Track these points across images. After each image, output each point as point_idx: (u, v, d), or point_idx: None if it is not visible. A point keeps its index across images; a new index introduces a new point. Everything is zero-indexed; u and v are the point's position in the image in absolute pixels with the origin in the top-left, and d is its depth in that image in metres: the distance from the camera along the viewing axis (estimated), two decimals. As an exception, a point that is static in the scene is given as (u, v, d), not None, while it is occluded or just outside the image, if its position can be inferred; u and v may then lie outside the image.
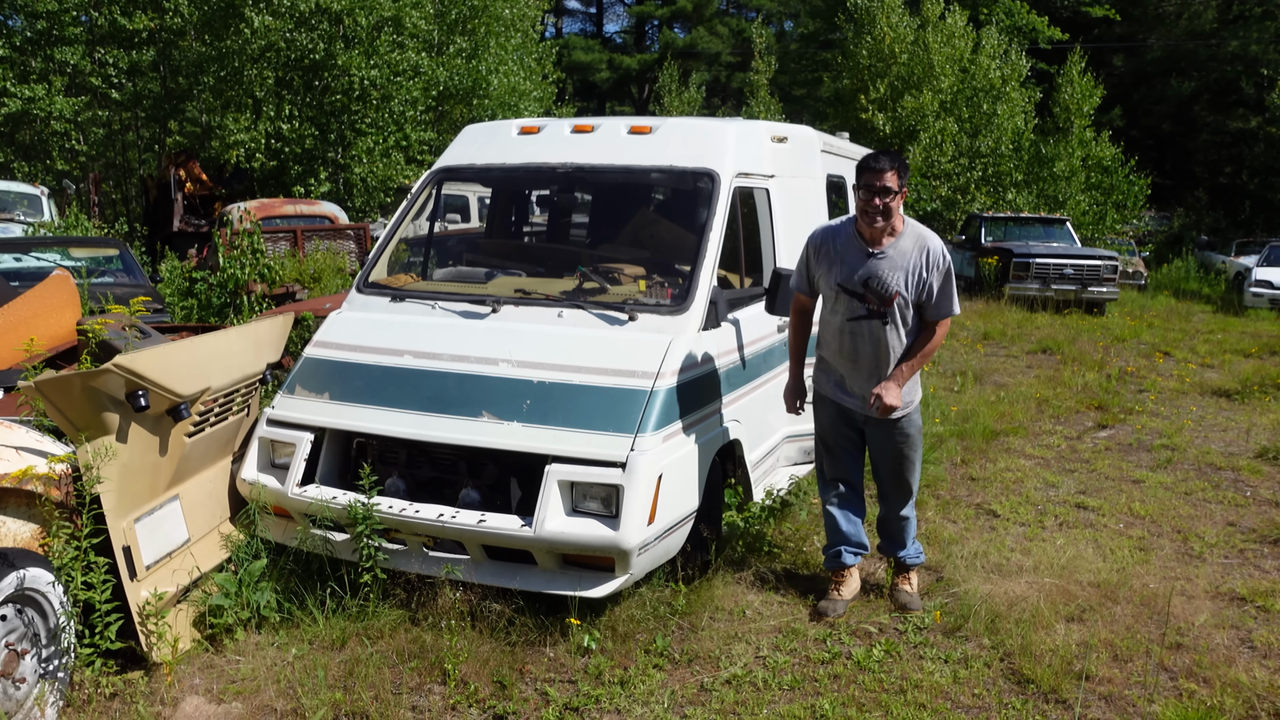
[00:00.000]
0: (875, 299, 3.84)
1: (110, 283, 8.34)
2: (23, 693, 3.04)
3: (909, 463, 4.11)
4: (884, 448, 4.10)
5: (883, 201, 3.76)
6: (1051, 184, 21.24)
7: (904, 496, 4.18)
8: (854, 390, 4.02)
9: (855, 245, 3.90)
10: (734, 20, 42.42)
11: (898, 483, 4.15)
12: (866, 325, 3.88)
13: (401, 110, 17.74)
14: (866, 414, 4.01)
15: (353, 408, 4.08)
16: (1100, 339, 12.16)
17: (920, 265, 3.82)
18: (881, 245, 3.86)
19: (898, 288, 3.81)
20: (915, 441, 4.09)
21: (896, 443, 4.06)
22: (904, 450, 4.07)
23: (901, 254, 3.84)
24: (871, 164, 3.79)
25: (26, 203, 13.37)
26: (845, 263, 3.90)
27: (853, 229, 3.94)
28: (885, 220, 3.80)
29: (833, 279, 3.93)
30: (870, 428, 4.08)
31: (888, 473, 4.15)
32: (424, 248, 5.52)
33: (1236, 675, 3.59)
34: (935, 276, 3.83)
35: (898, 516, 4.21)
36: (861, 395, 3.99)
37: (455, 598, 3.81)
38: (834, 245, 3.95)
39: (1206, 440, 7.27)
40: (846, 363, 4.00)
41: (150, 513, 3.58)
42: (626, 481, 3.59)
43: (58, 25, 18.09)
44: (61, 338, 4.93)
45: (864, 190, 3.79)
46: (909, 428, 4.05)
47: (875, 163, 3.79)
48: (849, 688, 3.50)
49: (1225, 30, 30.42)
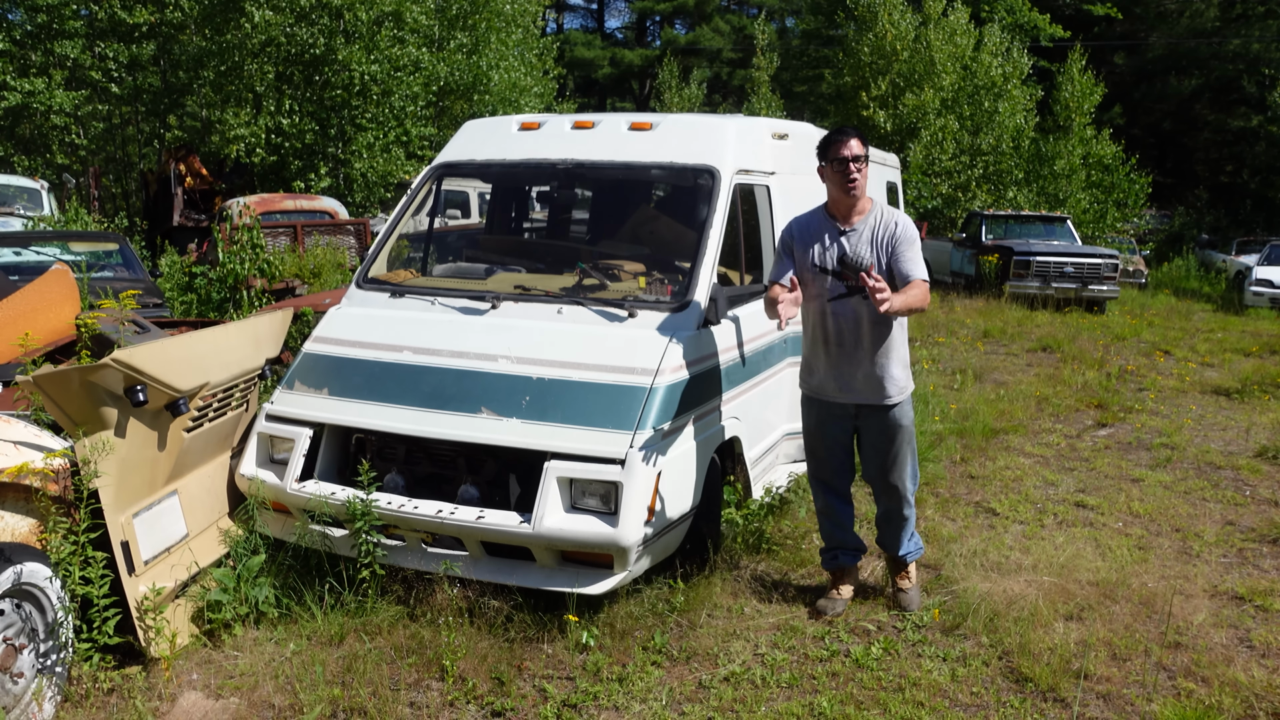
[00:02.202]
0: (852, 274, 3.83)
1: (110, 277, 8.33)
2: (21, 687, 3.04)
3: (901, 457, 4.05)
4: (877, 441, 4.04)
5: (856, 167, 3.82)
6: (1052, 182, 21.23)
7: (899, 492, 4.11)
8: (841, 378, 3.95)
9: (828, 225, 3.95)
10: (736, 17, 42.37)
11: (891, 478, 4.09)
12: (845, 305, 3.87)
13: (402, 105, 17.72)
14: (861, 403, 3.97)
15: (352, 403, 4.08)
16: (1100, 337, 12.15)
17: (887, 236, 3.87)
18: (852, 222, 3.91)
19: (870, 261, 3.83)
20: (908, 434, 4.04)
21: (889, 436, 4.00)
22: (896, 444, 4.02)
23: (870, 229, 3.89)
24: (835, 138, 3.87)
25: (26, 197, 13.36)
26: (820, 244, 3.93)
27: (823, 212, 3.99)
28: (860, 187, 3.85)
29: (809, 261, 3.94)
30: (862, 420, 4.03)
31: (880, 468, 4.09)
32: (424, 243, 5.52)
33: (1235, 674, 3.59)
34: (902, 244, 3.85)
35: (894, 513, 4.17)
36: (847, 380, 3.93)
37: (453, 594, 3.81)
38: (807, 231, 3.99)
39: (1206, 439, 7.27)
40: (831, 348, 3.94)
41: (149, 508, 3.58)
42: (625, 478, 3.59)
43: (58, 19, 18.07)
44: (60, 332, 4.93)
45: (836, 162, 3.85)
46: (901, 419, 3.99)
47: (838, 135, 3.87)
48: (847, 685, 3.50)
49: (1227, 29, 30.40)
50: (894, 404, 3.97)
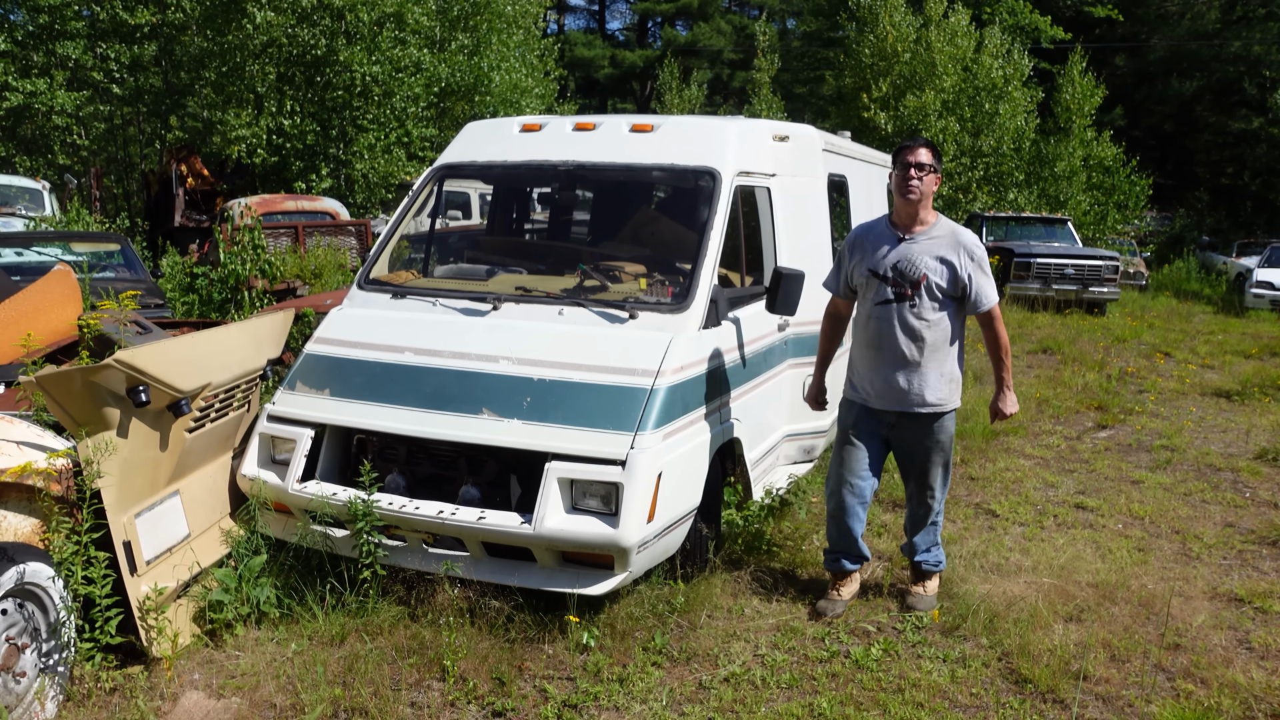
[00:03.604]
0: (903, 281, 3.89)
1: (111, 278, 8.35)
2: (23, 687, 3.05)
3: (937, 467, 4.08)
4: (914, 450, 4.06)
5: (919, 175, 3.86)
6: (1053, 184, 21.22)
7: (930, 501, 4.14)
8: (878, 383, 3.99)
9: (888, 233, 4.01)
10: (737, 17, 42.37)
11: (925, 486, 4.12)
12: (892, 309, 3.91)
13: (403, 106, 17.73)
14: (899, 410, 3.99)
15: (353, 404, 4.09)
16: (1101, 339, 12.16)
17: (953, 257, 3.90)
18: (913, 231, 3.95)
19: (926, 271, 3.87)
20: (946, 446, 4.07)
21: (927, 446, 4.02)
22: (934, 454, 4.04)
23: (933, 242, 3.92)
24: (907, 144, 3.97)
25: (28, 197, 13.39)
26: (877, 250, 3.99)
27: (886, 221, 4.07)
28: (921, 196, 3.88)
29: (864, 266, 4.00)
30: (899, 430, 4.04)
31: (916, 476, 4.12)
32: (425, 245, 5.53)
33: (1234, 676, 3.60)
34: (970, 267, 3.91)
35: (922, 520, 4.20)
36: (884, 387, 3.97)
37: (454, 594, 3.82)
38: (868, 238, 4.06)
39: (1206, 441, 7.28)
40: (871, 352, 3.99)
41: (151, 508, 3.59)
42: (626, 479, 3.60)
43: (60, 19, 18.09)
44: (63, 333, 4.94)
45: (900, 167, 3.91)
46: (940, 433, 4.01)
47: (910, 142, 3.97)
48: (847, 686, 3.51)
49: (1228, 31, 30.37)
50: (931, 414, 3.97)
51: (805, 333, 5.25)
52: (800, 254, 5.13)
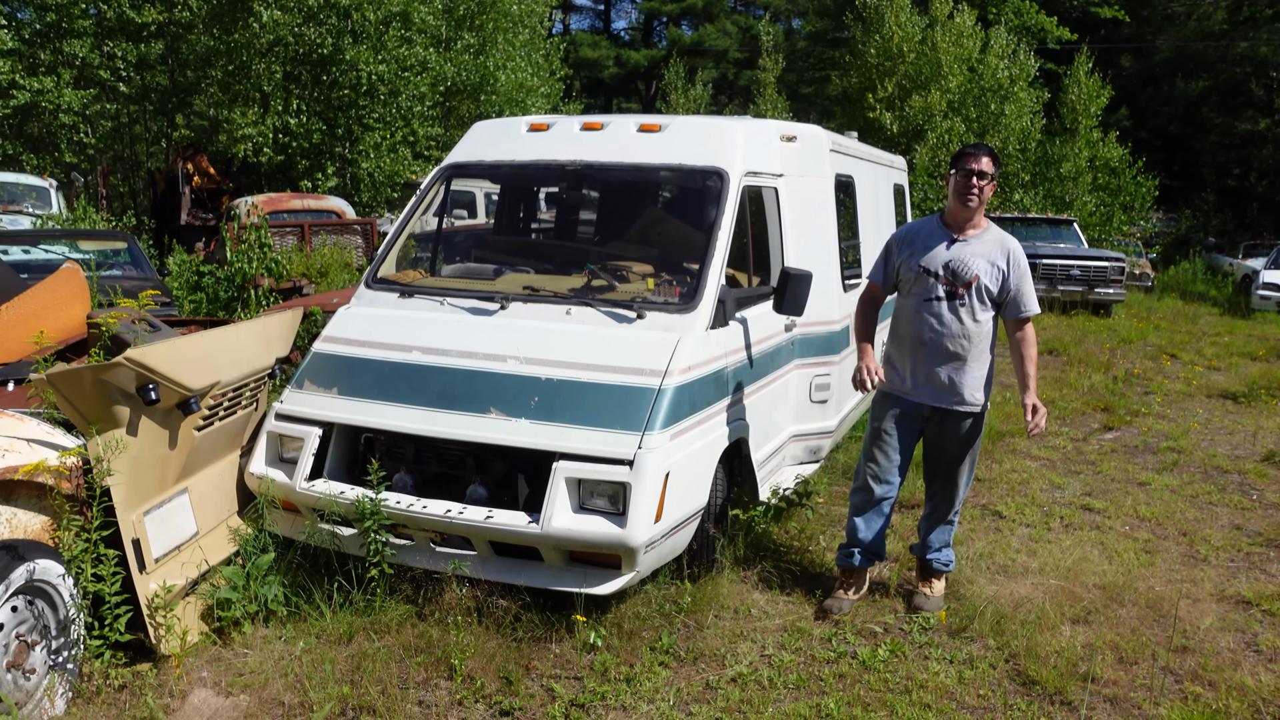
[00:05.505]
0: (955, 281, 3.95)
1: (118, 276, 8.37)
2: (33, 683, 3.06)
3: (963, 465, 4.14)
4: (944, 444, 4.12)
5: (979, 184, 3.92)
6: (1059, 185, 21.18)
7: (950, 499, 4.21)
8: (920, 376, 4.03)
9: (941, 233, 4.06)
10: (742, 17, 42.35)
11: (949, 483, 4.18)
12: (941, 306, 3.97)
13: (409, 105, 17.75)
14: (935, 406, 4.03)
15: (361, 403, 4.09)
16: (1107, 340, 12.13)
17: (1002, 263, 3.97)
18: (966, 234, 4.01)
19: (978, 272, 3.94)
20: (975, 444, 4.14)
21: (958, 441, 4.09)
22: (962, 450, 4.11)
23: (984, 245, 3.99)
24: (969, 151, 4.02)
25: (35, 195, 13.43)
26: (930, 247, 4.03)
27: (938, 221, 4.11)
28: (979, 202, 3.95)
29: (914, 262, 4.04)
30: (933, 424, 4.11)
31: (942, 471, 4.18)
32: (433, 244, 5.53)
33: (1242, 679, 3.60)
34: (1017, 275, 3.97)
35: (941, 517, 4.24)
36: (926, 381, 4.01)
37: (462, 593, 3.82)
38: (919, 235, 4.10)
39: (1213, 443, 7.26)
40: (915, 346, 4.03)
41: (159, 506, 3.60)
42: (634, 479, 3.60)
43: (67, 18, 18.14)
44: (71, 330, 4.96)
45: (961, 174, 3.96)
46: (971, 430, 4.08)
47: (972, 149, 4.02)
48: (854, 687, 3.51)
49: (1235, 31, 30.29)
50: (966, 411, 4.04)
51: (812, 333, 5.25)
52: (807, 254, 5.13)
